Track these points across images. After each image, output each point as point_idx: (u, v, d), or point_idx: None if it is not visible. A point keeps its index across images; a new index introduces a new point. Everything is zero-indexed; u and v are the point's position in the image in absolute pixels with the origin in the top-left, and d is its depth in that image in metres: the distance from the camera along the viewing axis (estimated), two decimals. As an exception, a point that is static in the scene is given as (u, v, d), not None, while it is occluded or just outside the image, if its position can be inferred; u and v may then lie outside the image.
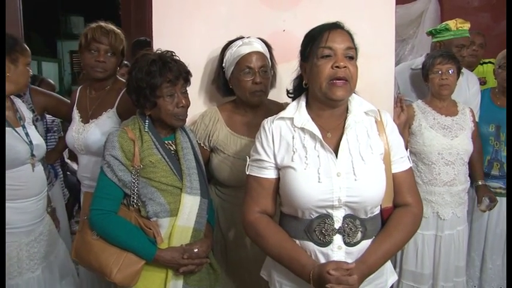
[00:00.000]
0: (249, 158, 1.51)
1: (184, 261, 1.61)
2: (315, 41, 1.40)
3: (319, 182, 1.35)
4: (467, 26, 2.79)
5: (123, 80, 2.22)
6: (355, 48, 1.41)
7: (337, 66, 1.34)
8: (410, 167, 1.51)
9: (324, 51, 1.37)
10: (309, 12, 2.08)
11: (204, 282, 1.71)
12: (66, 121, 2.43)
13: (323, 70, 1.36)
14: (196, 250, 1.63)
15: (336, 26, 1.42)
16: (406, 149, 1.54)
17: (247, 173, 1.50)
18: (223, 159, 1.90)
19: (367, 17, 2.11)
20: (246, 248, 1.91)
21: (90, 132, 2.04)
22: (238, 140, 1.90)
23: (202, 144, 1.92)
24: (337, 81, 1.35)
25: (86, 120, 2.10)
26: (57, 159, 3.01)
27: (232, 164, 1.88)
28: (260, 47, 1.89)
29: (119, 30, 2.11)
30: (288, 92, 1.58)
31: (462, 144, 2.41)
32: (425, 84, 2.52)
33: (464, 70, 2.71)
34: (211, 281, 1.74)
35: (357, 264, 1.32)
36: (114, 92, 2.10)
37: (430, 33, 2.91)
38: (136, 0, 5.46)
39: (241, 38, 1.90)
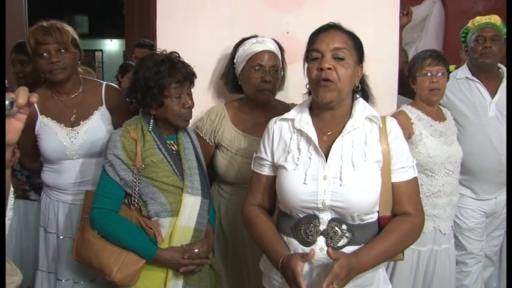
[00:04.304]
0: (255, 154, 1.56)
1: (185, 261, 1.61)
2: (308, 44, 1.42)
3: (304, 183, 1.36)
4: (486, 18, 2.41)
5: (93, 79, 2.20)
6: (347, 49, 1.36)
7: (320, 68, 1.34)
8: (415, 178, 1.43)
9: (311, 53, 1.38)
10: (313, 14, 2.08)
11: (204, 283, 1.71)
12: None
13: (311, 73, 1.38)
14: (196, 250, 1.64)
15: (327, 28, 1.41)
16: None
17: (252, 168, 1.55)
18: (226, 156, 1.91)
19: (371, 20, 2.11)
20: (247, 247, 1.91)
21: (89, 133, 1.96)
22: (243, 138, 1.91)
23: (207, 140, 1.93)
24: (322, 82, 1.34)
25: (70, 124, 1.98)
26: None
27: (235, 161, 1.89)
28: (273, 47, 1.91)
29: (61, 24, 1.95)
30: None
31: (458, 150, 2.23)
32: (412, 87, 2.24)
33: None
34: (211, 281, 1.74)
35: (347, 257, 1.27)
36: (92, 91, 2.03)
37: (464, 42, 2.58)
38: (140, 0, 5.46)
39: (256, 36, 1.92)
